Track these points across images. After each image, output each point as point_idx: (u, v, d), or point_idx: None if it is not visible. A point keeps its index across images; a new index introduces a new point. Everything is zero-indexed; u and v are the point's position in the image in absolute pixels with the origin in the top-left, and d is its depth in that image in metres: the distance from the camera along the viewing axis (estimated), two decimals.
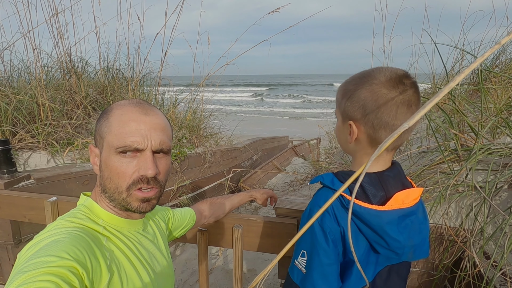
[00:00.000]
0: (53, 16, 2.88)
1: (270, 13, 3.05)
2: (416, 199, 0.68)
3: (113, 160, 0.61)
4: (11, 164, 1.66)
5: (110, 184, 0.63)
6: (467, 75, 2.51)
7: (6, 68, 3.02)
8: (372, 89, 0.63)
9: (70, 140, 2.53)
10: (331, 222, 0.65)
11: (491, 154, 1.32)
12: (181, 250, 2.87)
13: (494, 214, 1.21)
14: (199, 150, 3.40)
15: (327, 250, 0.64)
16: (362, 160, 0.70)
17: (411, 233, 0.65)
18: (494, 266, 1.06)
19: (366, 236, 0.65)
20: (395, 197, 0.64)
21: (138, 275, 0.64)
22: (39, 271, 0.45)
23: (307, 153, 7.16)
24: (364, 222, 0.63)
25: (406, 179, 0.72)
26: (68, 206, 1.34)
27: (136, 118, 0.62)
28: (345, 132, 0.70)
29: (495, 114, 1.55)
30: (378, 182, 0.66)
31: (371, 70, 0.66)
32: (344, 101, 0.68)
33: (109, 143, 0.62)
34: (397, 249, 0.64)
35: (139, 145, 0.61)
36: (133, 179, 0.62)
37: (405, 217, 0.65)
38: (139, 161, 0.62)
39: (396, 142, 0.67)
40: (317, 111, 20.77)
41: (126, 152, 0.61)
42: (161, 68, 3.40)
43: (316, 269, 0.65)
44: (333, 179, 0.68)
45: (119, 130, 0.61)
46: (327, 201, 0.39)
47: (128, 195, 0.62)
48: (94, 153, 0.67)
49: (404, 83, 0.62)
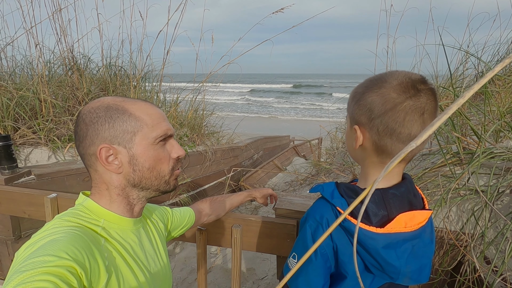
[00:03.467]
0: (56, 12, 2.88)
1: (274, 13, 3.04)
2: (422, 222, 0.62)
3: (153, 149, 0.65)
4: (11, 159, 1.66)
5: (151, 173, 0.66)
6: (468, 73, 2.49)
7: (9, 64, 3.03)
8: (381, 92, 0.58)
9: (72, 137, 2.53)
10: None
11: (493, 158, 1.31)
12: (181, 248, 2.88)
13: (496, 218, 1.21)
14: (200, 148, 3.40)
15: (314, 263, 0.63)
16: (368, 170, 0.66)
17: (409, 259, 0.61)
18: (494, 271, 1.05)
19: (360, 256, 0.62)
20: (397, 220, 0.59)
21: (134, 276, 0.64)
22: (37, 270, 0.44)
23: (308, 153, 7.15)
24: (358, 243, 0.60)
25: (416, 198, 0.66)
26: (68, 202, 1.34)
27: (156, 110, 0.68)
28: (352, 138, 0.66)
29: (499, 117, 1.54)
30: (381, 199, 0.61)
31: (384, 73, 0.62)
32: (353, 105, 0.64)
33: (146, 135, 0.64)
34: (392, 273, 0.61)
35: (171, 131, 0.69)
36: (173, 161, 0.69)
37: (405, 241, 0.60)
38: (170, 146, 0.69)
39: (406, 155, 0.62)
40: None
41: (164, 139, 0.67)
42: (163, 65, 3.39)
43: (302, 277, 0.65)
44: (334, 192, 0.64)
45: (153, 122, 0.65)
46: (330, 226, 0.37)
47: (170, 176, 0.69)
48: (109, 152, 0.63)
49: (417, 88, 0.57)
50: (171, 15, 3.13)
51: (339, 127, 4.28)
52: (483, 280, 1.05)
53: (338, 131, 4.21)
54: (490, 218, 1.20)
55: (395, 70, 0.62)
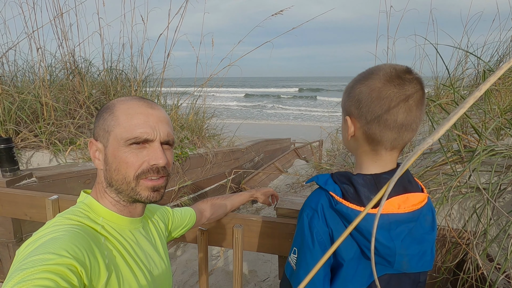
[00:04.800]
0: (57, 16, 2.91)
1: (273, 15, 3.06)
2: (417, 205, 0.63)
3: (122, 151, 0.62)
4: (13, 162, 1.66)
5: (117, 175, 0.63)
6: (469, 73, 2.49)
7: (11, 68, 3.05)
8: (368, 83, 0.62)
9: (73, 140, 2.54)
10: (319, 223, 0.64)
11: (494, 155, 1.31)
12: (182, 250, 2.87)
13: (498, 216, 1.20)
14: (201, 151, 3.40)
15: (312, 251, 0.64)
16: (362, 159, 0.68)
17: (406, 241, 0.62)
18: (497, 269, 1.05)
19: (355, 240, 0.63)
20: (390, 201, 0.61)
21: (134, 276, 0.64)
22: (38, 268, 0.45)
23: (309, 155, 7.14)
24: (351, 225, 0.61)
25: (412, 184, 0.67)
26: (69, 204, 1.34)
27: (143, 111, 0.64)
28: (345, 129, 0.69)
29: (499, 115, 1.54)
30: (374, 184, 0.63)
31: (373, 67, 0.65)
32: (345, 97, 0.68)
33: (117, 135, 0.63)
34: (387, 256, 0.61)
35: (148, 136, 0.63)
36: (143, 169, 0.63)
37: (399, 223, 0.61)
38: (149, 152, 0.64)
39: (397, 142, 0.63)
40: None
41: (136, 143, 0.62)
42: (163, 69, 3.41)
43: (303, 268, 0.65)
44: (328, 180, 0.66)
45: (127, 123, 0.62)
46: (352, 225, 0.38)
47: (136, 184, 0.64)
48: (95, 147, 0.66)
49: (402, 78, 0.60)
50: (171, 19, 3.15)
51: (339, 129, 4.28)
52: (486, 278, 1.04)
53: (338, 133, 4.21)
54: (492, 216, 1.19)
55: (382, 63, 0.65)
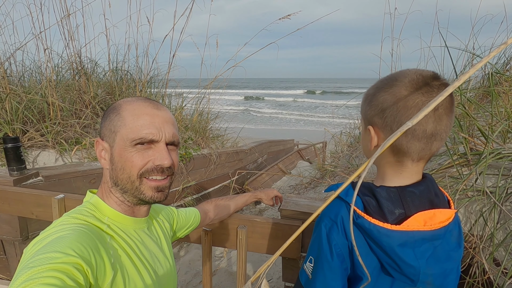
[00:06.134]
0: (64, 17, 2.94)
1: (280, 19, 3.05)
2: (444, 221, 0.59)
3: (128, 151, 0.64)
4: (20, 161, 1.68)
5: (122, 174, 0.64)
6: (472, 74, 2.47)
7: (18, 68, 3.09)
8: (392, 91, 0.57)
9: (78, 139, 2.56)
10: (338, 236, 0.61)
11: (501, 158, 1.29)
12: (185, 251, 2.87)
13: (505, 219, 1.19)
14: (204, 151, 3.41)
15: (331, 263, 0.61)
16: (385, 170, 0.64)
17: (431, 260, 0.58)
18: (504, 273, 1.04)
19: (377, 256, 0.59)
20: (415, 217, 0.57)
21: (140, 275, 0.64)
22: (45, 267, 0.45)
23: (312, 157, 7.12)
24: (373, 240, 0.57)
25: (439, 197, 0.63)
26: (75, 203, 1.35)
27: (149, 112, 0.65)
28: (367, 139, 0.64)
29: (506, 118, 1.52)
30: (398, 197, 0.59)
31: (396, 72, 0.61)
32: (365, 106, 0.64)
33: (123, 136, 0.64)
34: (411, 275, 0.57)
35: (154, 136, 0.64)
36: (147, 168, 0.64)
37: (425, 241, 0.57)
38: (154, 152, 0.65)
39: (424, 152, 0.58)
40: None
41: (142, 143, 0.63)
42: (169, 70, 3.43)
43: (319, 279, 0.63)
44: (348, 190, 0.62)
45: (133, 124, 0.64)
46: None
47: (140, 183, 0.65)
48: (101, 146, 0.67)
49: (429, 84, 0.55)
50: (177, 20, 3.17)
51: (343, 131, 4.26)
52: (493, 282, 1.03)
53: (343, 135, 4.19)
54: (499, 219, 1.18)
55: (406, 69, 0.60)
